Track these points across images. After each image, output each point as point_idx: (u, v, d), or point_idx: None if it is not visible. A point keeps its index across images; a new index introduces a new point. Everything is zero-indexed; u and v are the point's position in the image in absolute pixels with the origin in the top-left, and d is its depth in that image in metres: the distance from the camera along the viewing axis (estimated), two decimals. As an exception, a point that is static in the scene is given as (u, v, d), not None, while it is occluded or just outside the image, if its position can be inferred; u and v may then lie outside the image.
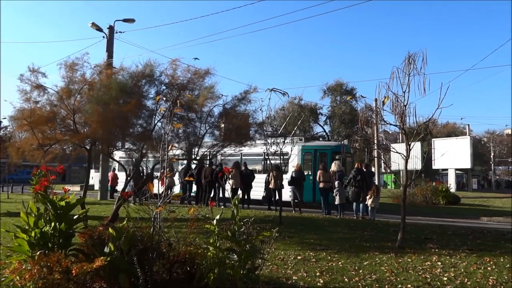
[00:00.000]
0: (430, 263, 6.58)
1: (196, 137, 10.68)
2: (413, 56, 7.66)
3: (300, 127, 36.50)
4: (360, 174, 13.08)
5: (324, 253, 7.28)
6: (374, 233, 9.61)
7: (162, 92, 10.23)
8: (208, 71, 10.56)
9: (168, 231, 4.84)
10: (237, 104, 11.26)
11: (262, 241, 4.79)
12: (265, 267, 5.66)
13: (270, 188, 14.70)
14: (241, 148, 13.69)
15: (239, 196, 10.16)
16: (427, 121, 8.85)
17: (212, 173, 15.26)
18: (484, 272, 6.01)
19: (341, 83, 38.29)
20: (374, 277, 5.74)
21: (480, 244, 8.12)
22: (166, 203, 4.53)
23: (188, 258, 4.18)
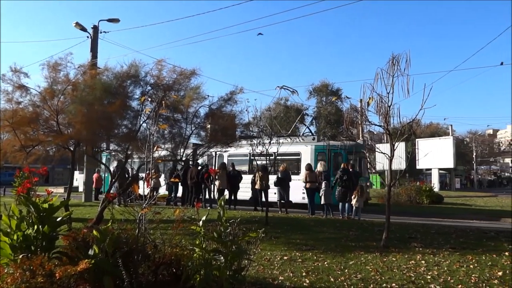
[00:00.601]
0: (414, 261, 6.67)
1: (182, 138, 10.64)
2: (397, 57, 7.77)
3: (286, 127, 36.60)
4: (347, 174, 13.19)
5: (310, 253, 7.31)
6: (360, 232, 9.69)
7: (147, 92, 10.17)
8: (193, 72, 10.53)
9: (154, 232, 4.80)
10: (223, 105, 11.26)
11: (248, 241, 4.80)
12: (251, 268, 5.67)
13: (256, 188, 14.73)
14: (227, 149, 13.70)
15: (226, 197, 10.14)
16: (411, 122, 9.00)
17: (198, 174, 15.21)
18: (466, 270, 6.12)
19: (327, 84, 38.50)
20: (360, 277, 5.79)
21: (462, 243, 8.26)
22: (152, 204, 4.50)
23: (174, 260, 4.16)
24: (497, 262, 6.56)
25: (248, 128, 12.94)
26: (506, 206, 21.76)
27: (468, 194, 33.24)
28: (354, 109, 10.01)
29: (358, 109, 10.34)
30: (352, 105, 10.17)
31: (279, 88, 19.90)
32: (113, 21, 18.98)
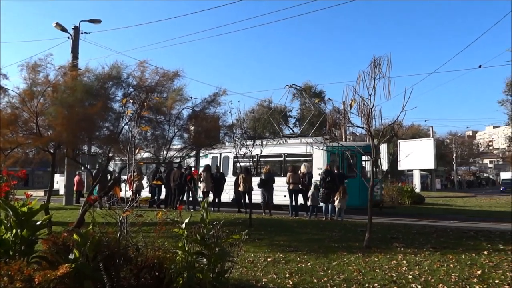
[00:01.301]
0: (396, 261, 6.75)
1: (165, 140, 10.56)
2: (378, 60, 7.87)
3: (269, 129, 36.66)
4: (330, 175, 13.29)
5: (293, 254, 7.34)
6: (342, 233, 9.77)
7: (129, 94, 10.06)
8: (176, 73, 10.47)
9: (136, 235, 4.75)
10: (206, 107, 11.22)
11: (231, 244, 4.79)
12: (234, 270, 5.65)
13: (239, 190, 14.72)
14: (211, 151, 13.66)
15: (209, 199, 10.08)
16: (392, 123, 9.11)
17: (181, 176, 15.12)
18: (447, 269, 6.22)
19: (310, 85, 38.78)
20: (342, 277, 5.84)
21: (443, 242, 8.40)
22: (134, 207, 4.45)
23: (156, 263, 4.12)
24: (476, 261, 6.69)
25: (232, 130, 12.91)
26: (485, 206, 22.26)
27: (449, 195, 33.88)
28: (337, 111, 10.07)
29: (341, 111, 10.41)
30: (335, 106, 10.23)
31: (289, 87, 19.70)
32: (95, 22, 18.73)
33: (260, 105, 37.23)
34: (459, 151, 63.14)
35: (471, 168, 74.80)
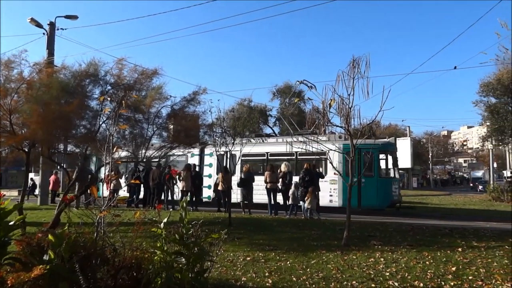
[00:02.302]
0: (373, 259, 6.84)
1: (143, 139, 10.43)
2: (357, 60, 7.97)
3: (249, 128, 36.68)
4: (309, 174, 13.37)
5: (273, 253, 7.36)
6: (321, 232, 9.85)
7: (107, 92, 9.90)
8: (155, 71, 10.35)
9: (113, 236, 4.68)
10: (185, 105, 11.13)
11: (211, 243, 4.76)
12: (214, 269, 5.63)
13: (219, 190, 14.69)
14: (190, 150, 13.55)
15: (188, 199, 10.02)
16: (370, 123, 9.23)
17: (160, 176, 14.97)
18: (423, 266, 6.34)
19: (290, 85, 38.91)
20: (321, 275, 5.88)
21: (419, 240, 8.56)
22: (111, 207, 4.38)
23: (134, 263, 4.06)
24: (451, 258, 6.84)
25: (212, 129, 12.84)
26: (460, 204, 22.83)
27: (425, 193, 34.60)
28: (316, 111, 10.15)
29: (320, 111, 10.48)
30: (315, 106, 10.29)
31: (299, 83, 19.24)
32: (71, 18, 18.32)
33: (240, 104, 37.18)
34: (435, 150, 64.52)
35: (446, 167, 76.53)
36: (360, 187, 14.80)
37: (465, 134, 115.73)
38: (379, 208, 14.90)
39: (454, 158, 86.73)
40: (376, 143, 16.19)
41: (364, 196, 14.72)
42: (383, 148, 15.80)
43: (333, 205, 15.22)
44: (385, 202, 15.18)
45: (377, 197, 14.79)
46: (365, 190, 14.70)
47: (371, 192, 14.73)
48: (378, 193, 14.84)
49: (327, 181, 14.95)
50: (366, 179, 14.76)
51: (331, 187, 15.28)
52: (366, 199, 14.71)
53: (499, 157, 53.93)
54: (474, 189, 42.95)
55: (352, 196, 14.07)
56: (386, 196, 15.15)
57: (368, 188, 14.78)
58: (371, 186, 14.85)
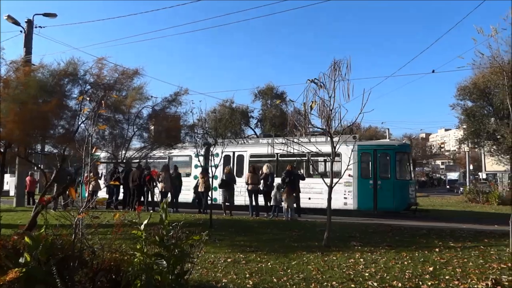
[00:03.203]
0: (353, 260, 6.92)
1: (123, 139, 10.31)
2: (338, 63, 8.06)
3: (231, 129, 36.61)
4: (289, 176, 13.42)
5: (254, 254, 7.36)
6: (302, 233, 9.90)
7: (86, 92, 9.74)
8: (136, 71, 10.26)
9: (92, 238, 4.60)
10: (167, 106, 11.07)
11: (191, 245, 4.73)
12: (194, 271, 5.59)
13: (199, 191, 14.62)
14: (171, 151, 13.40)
15: (168, 200, 9.93)
16: (351, 125, 9.34)
17: (140, 177, 14.80)
18: (401, 267, 6.44)
19: (272, 87, 38.96)
20: (302, 276, 5.91)
21: (398, 241, 8.70)
22: (90, 208, 4.31)
23: (113, 266, 4.02)
24: (428, 258, 6.97)
25: (193, 130, 12.77)
26: (437, 205, 23.29)
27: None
28: (298, 112, 10.20)
29: (301, 112, 10.54)
30: (296, 108, 10.33)
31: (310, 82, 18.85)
32: (50, 15, 17.95)
33: (222, 105, 37.07)
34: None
35: (424, 169, 77.94)
36: (376, 190, 14.40)
37: (443, 137, 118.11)
38: (395, 211, 14.39)
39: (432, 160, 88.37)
40: (392, 144, 16.09)
41: (380, 198, 14.25)
42: (400, 149, 15.42)
43: (348, 208, 14.66)
44: (402, 205, 14.68)
45: (394, 199, 14.27)
46: (381, 192, 14.16)
47: (387, 194, 14.23)
48: (395, 196, 14.29)
49: (341, 183, 13.93)
50: (382, 181, 14.36)
51: (346, 189, 14.64)
52: (383, 201, 14.23)
53: (475, 159, 55.29)
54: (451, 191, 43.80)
55: (368, 198, 14.36)
56: (403, 199, 14.65)
57: (385, 191, 14.27)
58: (388, 188, 14.32)
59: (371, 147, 15.24)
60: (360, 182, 14.61)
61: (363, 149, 15.03)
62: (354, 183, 14.68)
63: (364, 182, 14.50)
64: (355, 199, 14.71)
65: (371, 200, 14.44)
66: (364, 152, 14.97)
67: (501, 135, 25.47)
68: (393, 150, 14.94)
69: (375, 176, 14.46)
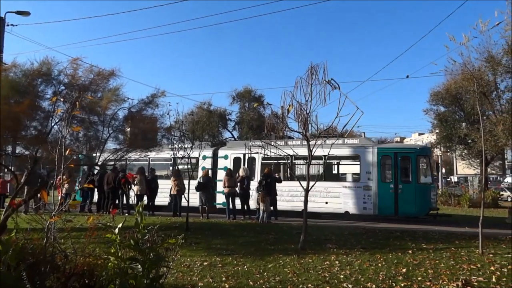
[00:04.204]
0: (329, 262, 6.99)
1: (98, 141, 10.16)
2: (315, 67, 8.16)
3: (209, 132, 36.47)
4: (267, 179, 13.47)
5: (230, 257, 7.35)
6: (279, 236, 9.94)
7: (60, 92, 9.56)
8: (112, 73, 10.15)
9: (65, 242, 4.50)
10: (143, 108, 10.97)
11: (167, 248, 4.68)
12: (170, 275, 5.55)
13: (173, 194, 14.51)
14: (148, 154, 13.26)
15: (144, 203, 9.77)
16: (327, 129, 9.45)
17: (115, 179, 14.56)
18: (375, 268, 6.55)
19: (250, 90, 39.06)
20: (278, 279, 5.94)
21: (372, 243, 8.83)
22: (62, 211, 4.21)
23: (86, 270, 3.94)
24: (401, 260, 7.11)
25: (170, 132, 12.68)
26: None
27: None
28: (275, 116, 10.26)
29: (279, 116, 10.61)
30: (273, 111, 10.38)
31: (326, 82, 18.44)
32: (23, 14, 17.47)
33: (200, 107, 36.91)
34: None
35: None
36: (397, 194, 14.02)
37: (417, 141, 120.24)
38: (417, 216, 14.08)
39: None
40: (414, 147, 15.70)
41: (401, 203, 13.87)
42: (422, 152, 15.06)
43: (367, 213, 14.24)
44: (424, 210, 14.21)
45: (415, 204, 13.87)
46: (402, 197, 13.78)
47: (409, 199, 13.80)
48: (416, 200, 13.87)
49: (361, 187, 14.17)
50: (403, 185, 14.01)
51: (365, 194, 14.28)
52: (404, 206, 13.85)
53: (447, 163, 56.77)
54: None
55: (388, 203, 14.01)
56: (424, 203, 14.18)
57: (406, 195, 13.86)
58: (409, 192, 13.90)
59: (391, 150, 14.93)
60: (380, 186, 14.24)
61: (383, 152, 14.71)
62: (374, 187, 14.32)
63: (384, 186, 14.15)
64: (375, 204, 14.28)
65: (392, 205, 14.03)
66: (385, 155, 14.64)
67: (472, 140, 26.28)
68: (414, 153, 14.62)
69: (396, 180, 14.13)
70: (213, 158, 17.04)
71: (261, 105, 36.60)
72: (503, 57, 21.27)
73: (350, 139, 15.77)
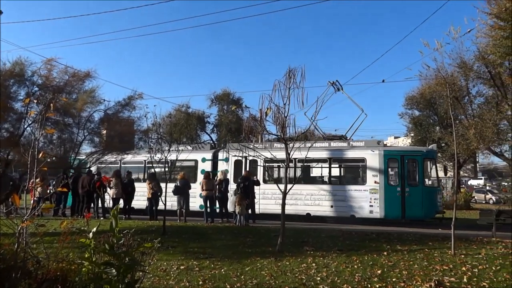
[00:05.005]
0: (306, 264, 7.04)
1: (73, 144, 9.96)
2: (293, 71, 8.22)
3: (187, 134, 36.25)
4: (245, 181, 13.47)
5: (207, 261, 7.32)
6: (256, 239, 9.95)
7: (33, 94, 9.34)
8: (88, 74, 9.99)
9: (37, 247, 4.40)
10: (120, 110, 10.83)
11: (143, 252, 4.63)
12: (146, 280, 5.47)
13: (147, 197, 14.36)
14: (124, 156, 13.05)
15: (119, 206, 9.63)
16: (305, 132, 9.54)
17: (90, 183, 14.29)
18: (351, 270, 6.64)
19: (228, 92, 39.05)
20: (255, 282, 5.95)
21: (348, 245, 8.94)
22: (35, 216, 4.12)
23: (59, 276, 3.85)
24: (377, 261, 7.23)
25: (147, 135, 12.53)
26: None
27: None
28: (253, 118, 10.29)
29: (257, 119, 10.63)
30: (251, 114, 10.39)
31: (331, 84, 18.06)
32: (-5, 12, 17.03)
33: (178, 110, 36.65)
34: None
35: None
36: (404, 197, 13.89)
37: (393, 144, 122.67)
38: (423, 219, 14.06)
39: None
40: (420, 150, 15.50)
41: (408, 206, 13.74)
42: (428, 155, 14.86)
43: (374, 216, 14.04)
44: (431, 213, 14.26)
45: (422, 207, 13.78)
46: (409, 200, 13.65)
47: (416, 202, 13.68)
48: (423, 203, 13.78)
49: (367, 190, 14.02)
50: (410, 189, 13.89)
51: (371, 197, 14.12)
52: (411, 209, 13.73)
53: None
54: None
55: (395, 206, 13.86)
56: (431, 206, 14.16)
57: (413, 198, 13.75)
58: (416, 196, 13.79)
59: (398, 153, 14.80)
60: (387, 189, 14.12)
61: (389, 155, 14.55)
62: (381, 190, 14.15)
63: (391, 189, 14.04)
64: (381, 207, 14.07)
65: (399, 208, 13.89)
66: (391, 158, 14.51)
67: (445, 143, 26.98)
68: (421, 156, 14.50)
69: (403, 183, 14.00)
70: (213, 160, 16.79)
71: (239, 107, 36.65)
72: (475, 63, 21.95)
73: (355, 142, 15.74)
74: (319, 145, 15.04)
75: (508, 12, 9.43)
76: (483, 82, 23.32)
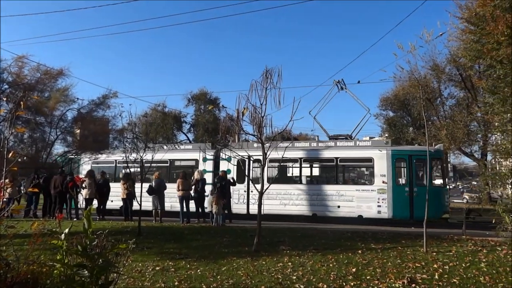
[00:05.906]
0: (282, 264, 7.08)
1: (45, 143, 9.72)
2: (270, 71, 8.25)
3: (163, 134, 35.88)
4: (222, 181, 13.43)
5: (183, 261, 7.27)
6: (233, 239, 9.93)
7: (3, 91, 9.07)
8: (61, 72, 9.78)
9: (6, 249, 4.27)
10: (94, 109, 10.64)
11: (117, 254, 4.56)
12: (120, 281, 5.41)
13: (121, 198, 14.15)
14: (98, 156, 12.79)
15: (92, 207, 9.50)
16: (281, 132, 9.58)
17: (62, 183, 13.95)
18: (327, 269, 6.71)
19: (205, 92, 38.84)
20: (231, 282, 5.95)
21: (324, 244, 9.03)
22: (4, 217, 4.00)
23: (30, 278, 3.75)
24: (352, 260, 7.33)
25: (122, 134, 12.33)
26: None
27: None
28: (230, 118, 10.28)
29: (234, 118, 10.62)
30: (228, 114, 10.38)
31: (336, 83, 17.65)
32: (-38, 7, 16.46)
33: (154, 109, 36.23)
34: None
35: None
36: (412, 197, 13.79)
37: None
38: (431, 219, 13.36)
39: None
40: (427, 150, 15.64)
41: (417, 206, 13.42)
42: (435, 155, 14.64)
43: (382, 216, 13.89)
44: (439, 213, 14.01)
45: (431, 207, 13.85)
46: (418, 200, 13.36)
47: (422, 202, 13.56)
48: (432, 203, 13.65)
49: (375, 190, 13.84)
50: (418, 189, 13.71)
51: (379, 197, 13.94)
52: (420, 210, 12.96)
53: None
54: None
55: (403, 207, 13.74)
56: (439, 207, 13.97)
57: (422, 198, 13.15)
58: (423, 196, 12.95)
59: (406, 152, 14.65)
60: (395, 189, 14.02)
61: (397, 155, 14.42)
62: (389, 190, 14.01)
63: (399, 189, 14.00)
64: (390, 207, 13.94)
65: (407, 208, 13.80)
66: (399, 158, 14.40)
67: (418, 144, 27.60)
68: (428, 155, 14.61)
69: (411, 183, 13.92)
70: (215, 160, 16.48)
71: (216, 107, 36.50)
72: (447, 66, 22.57)
73: (362, 141, 15.69)
74: (324, 145, 15.05)
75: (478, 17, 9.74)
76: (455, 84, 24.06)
